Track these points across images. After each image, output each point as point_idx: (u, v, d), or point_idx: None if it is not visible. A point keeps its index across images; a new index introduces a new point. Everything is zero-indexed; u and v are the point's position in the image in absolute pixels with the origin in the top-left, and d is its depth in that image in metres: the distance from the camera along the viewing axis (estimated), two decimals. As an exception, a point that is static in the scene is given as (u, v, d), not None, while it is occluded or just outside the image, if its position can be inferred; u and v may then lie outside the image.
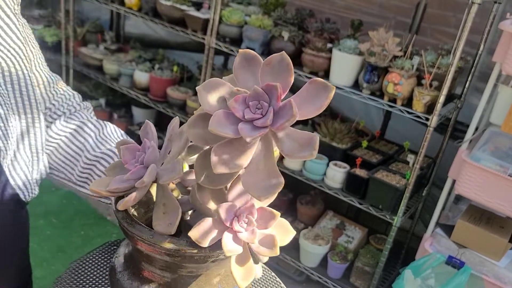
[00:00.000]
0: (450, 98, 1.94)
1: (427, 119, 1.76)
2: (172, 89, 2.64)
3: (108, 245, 0.74)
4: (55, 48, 3.10)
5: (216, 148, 0.43)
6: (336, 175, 2.06)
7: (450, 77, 1.68)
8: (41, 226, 2.40)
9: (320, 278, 2.19)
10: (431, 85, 1.80)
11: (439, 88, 1.77)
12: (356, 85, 1.99)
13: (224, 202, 0.48)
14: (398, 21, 2.28)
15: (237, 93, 0.43)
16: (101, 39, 3.13)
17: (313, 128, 2.29)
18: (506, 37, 1.59)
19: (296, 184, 2.28)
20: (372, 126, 2.45)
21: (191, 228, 0.48)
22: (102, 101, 3.14)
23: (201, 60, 2.60)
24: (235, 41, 2.26)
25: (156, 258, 0.51)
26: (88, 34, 3.12)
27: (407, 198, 1.87)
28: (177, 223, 0.51)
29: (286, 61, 0.43)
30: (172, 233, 0.51)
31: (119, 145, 0.56)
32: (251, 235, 0.48)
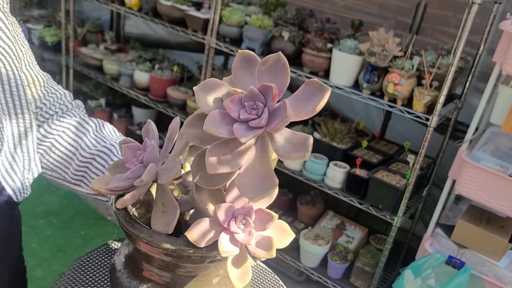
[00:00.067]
0: (450, 98, 1.94)
1: (427, 119, 1.76)
2: (172, 89, 2.64)
3: (112, 244, 0.75)
4: (55, 48, 3.11)
5: (211, 148, 0.43)
6: (336, 175, 2.06)
7: (450, 77, 1.68)
8: (41, 226, 2.40)
9: (320, 278, 2.19)
10: (431, 85, 1.80)
11: (439, 88, 1.77)
12: (356, 85, 1.99)
13: (222, 202, 0.48)
14: (398, 21, 2.28)
15: (233, 94, 0.43)
16: (101, 39, 3.13)
17: (313, 128, 2.29)
18: (506, 37, 1.59)
19: (296, 184, 2.28)
20: (372, 126, 2.45)
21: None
22: (102, 101, 3.14)
23: (201, 60, 2.60)
24: (235, 41, 2.26)
25: (154, 258, 0.51)
26: (88, 34, 3.12)
27: (407, 198, 1.87)
28: (174, 223, 0.51)
29: (283, 61, 0.42)
30: (170, 233, 0.51)
31: (121, 143, 0.56)
32: (248, 236, 0.47)
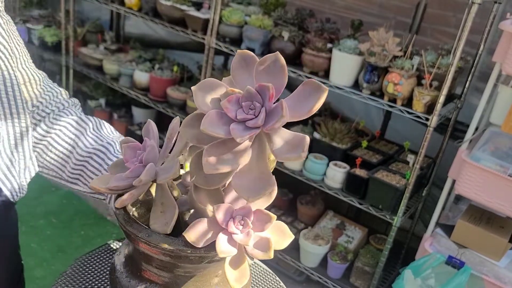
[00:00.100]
0: (450, 98, 1.94)
1: (427, 119, 1.76)
2: (172, 89, 2.64)
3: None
4: (55, 48, 3.11)
5: (208, 148, 0.43)
6: (336, 175, 2.06)
7: (450, 77, 1.68)
8: (41, 226, 2.40)
9: (320, 278, 2.19)
10: (431, 85, 1.80)
11: (439, 88, 1.77)
12: (356, 85, 1.99)
13: (221, 203, 0.48)
14: (398, 21, 2.28)
15: (231, 94, 0.43)
16: (101, 39, 3.13)
17: (313, 128, 2.29)
18: (506, 37, 1.59)
19: (296, 184, 2.28)
20: (372, 126, 2.45)
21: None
22: (102, 101, 3.14)
23: (201, 60, 2.60)
24: (235, 41, 2.26)
25: (153, 258, 0.51)
26: (88, 34, 3.12)
27: (407, 198, 1.87)
28: (173, 223, 0.51)
29: (280, 61, 0.42)
30: (168, 233, 0.51)
31: (121, 143, 0.56)
32: (246, 237, 0.47)
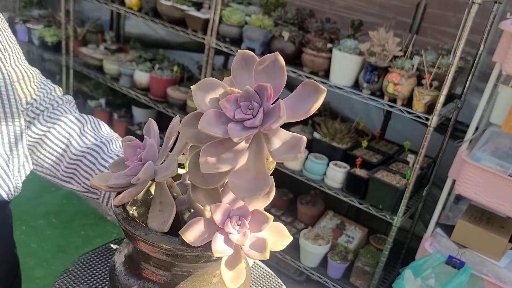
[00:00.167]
0: (450, 98, 1.94)
1: (427, 119, 1.76)
2: (172, 89, 2.64)
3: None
4: (55, 48, 3.11)
5: (206, 147, 0.43)
6: (336, 175, 2.06)
7: (450, 77, 1.68)
8: (41, 226, 2.40)
9: (320, 278, 2.19)
10: (431, 85, 1.80)
11: (439, 88, 1.77)
12: (356, 85, 1.98)
13: (218, 202, 0.48)
14: (398, 21, 2.28)
15: (230, 93, 0.43)
16: (101, 39, 3.13)
17: (313, 128, 2.29)
18: (506, 37, 1.58)
19: (296, 184, 2.28)
20: (372, 126, 2.45)
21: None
22: (102, 101, 3.14)
23: (201, 60, 2.60)
24: (235, 41, 2.26)
25: (151, 256, 0.51)
26: (88, 34, 3.12)
27: (407, 198, 1.87)
28: (170, 222, 0.51)
29: (279, 62, 0.42)
30: (165, 231, 0.51)
31: (123, 141, 0.57)
32: (242, 237, 0.47)
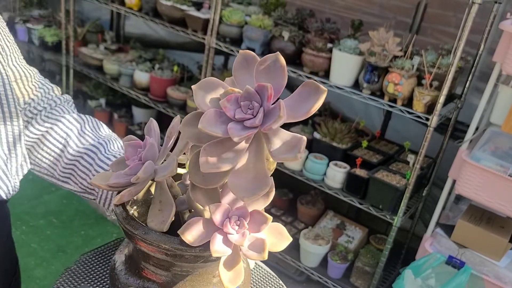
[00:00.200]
0: (450, 98, 1.94)
1: (427, 119, 1.76)
2: (172, 89, 2.64)
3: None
4: (56, 48, 3.11)
5: (206, 147, 0.43)
6: (336, 175, 2.06)
7: (450, 77, 1.68)
8: (41, 226, 2.40)
9: (320, 278, 2.19)
10: (431, 85, 1.80)
11: (439, 88, 1.77)
12: (356, 85, 1.98)
13: (217, 202, 0.48)
14: (398, 21, 2.28)
15: (230, 93, 0.43)
16: (102, 39, 3.13)
17: (313, 128, 2.29)
18: (506, 37, 1.58)
19: (297, 184, 2.28)
20: (372, 126, 2.45)
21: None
22: (102, 101, 3.14)
23: (201, 60, 2.60)
24: (235, 41, 2.26)
25: (150, 255, 0.51)
26: (88, 34, 3.12)
27: (407, 198, 1.87)
28: (169, 221, 0.51)
29: (280, 62, 0.42)
30: (164, 230, 0.51)
31: (124, 141, 0.57)
32: (241, 237, 0.47)
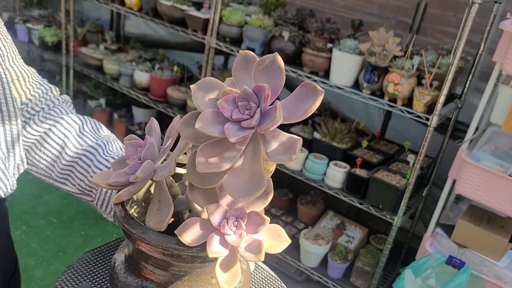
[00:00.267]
0: (450, 98, 1.94)
1: (428, 119, 1.76)
2: (172, 89, 2.64)
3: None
4: (56, 48, 3.11)
5: (203, 147, 0.43)
6: (336, 175, 2.06)
7: (450, 77, 1.68)
8: (41, 226, 2.40)
9: (320, 278, 2.19)
10: (431, 85, 1.80)
11: (439, 88, 1.77)
12: (356, 85, 1.98)
13: (215, 203, 0.47)
14: (398, 21, 2.28)
15: (228, 93, 0.43)
16: (101, 39, 3.13)
17: (313, 128, 2.29)
18: (506, 37, 1.58)
19: (297, 184, 2.28)
20: (372, 126, 2.44)
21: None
22: (102, 101, 3.14)
23: (201, 60, 2.60)
24: (236, 41, 2.26)
25: (148, 255, 0.51)
26: (88, 34, 3.12)
27: (407, 198, 1.87)
28: (167, 221, 0.51)
29: (278, 62, 0.42)
30: (162, 230, 0.51)
31: (125, 140, 0.57)
32: (238, 238, 0.47)
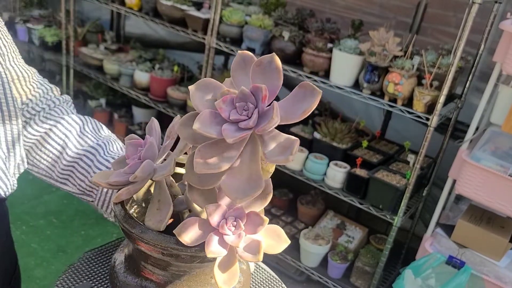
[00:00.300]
0: (450, 98, 1.94)
1: (428, 119, 1.76)
2: (172, 89, 2.64)
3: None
4: (56, 48, 3.11)
5: (201, 148, 0.43)
6: (336, 175, 2.06)
7: (450, 77, 1.68)
8: (41, 226, 2.40)
9: (320, 278, 2.19)
10: (431, 85, 1.79)
11: (439, 88, 1.76)
12: (356, 85, 1.98)
13: (214, 203, 0.47)
14: (398, 21, 2.28)
15: (226, 94, 0.43)
16: (102, 39, 3.13)
17: (313, 128, 2.29)
18: (507, 37, 1.58)
19: (297, 184, 2.28)
20: (372, 126, 2.44)
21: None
22: (102, 101, 3.14)
23: (201, 60, 2.60)
24: (236, 41, 2.26)
25: (147, 255, 0.51)
26: (88, 34, 3.12)
27: (407, 198, 1.87)
28: (167, 220, 0.51)
29: (275, 63, 0.42)
30: (162, 230, 0.51)
31: (126, 139, 0.57)
32: (237, 238, 0.47)
